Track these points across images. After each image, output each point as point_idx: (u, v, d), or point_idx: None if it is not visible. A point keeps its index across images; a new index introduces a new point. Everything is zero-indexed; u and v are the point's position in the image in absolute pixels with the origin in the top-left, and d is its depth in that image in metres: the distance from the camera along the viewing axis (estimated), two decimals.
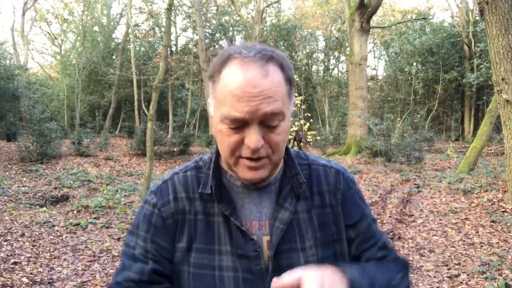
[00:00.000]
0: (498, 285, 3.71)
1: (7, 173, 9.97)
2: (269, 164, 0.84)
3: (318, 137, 15.36)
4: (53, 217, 6.43)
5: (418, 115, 16.52)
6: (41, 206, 7.46)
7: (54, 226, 5.95)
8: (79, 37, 21.99)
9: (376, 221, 1.01)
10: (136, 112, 18.33)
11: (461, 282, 3.92)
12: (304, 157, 1.00)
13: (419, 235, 5.51)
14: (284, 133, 0.83)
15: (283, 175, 0.94)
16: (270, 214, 0.90)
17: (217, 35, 22.80)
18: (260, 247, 0.86)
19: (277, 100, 0.79)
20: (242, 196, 0.91)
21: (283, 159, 0.95)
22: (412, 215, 6.36)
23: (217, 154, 0.94)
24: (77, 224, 6.00)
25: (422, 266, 4.44)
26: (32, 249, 4.97)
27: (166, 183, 0.94)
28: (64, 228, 5.88)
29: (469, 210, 6.25)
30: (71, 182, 9.35)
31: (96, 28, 23.39)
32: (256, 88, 0.77)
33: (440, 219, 6.02)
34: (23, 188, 8.65)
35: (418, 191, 7.62)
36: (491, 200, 6.43)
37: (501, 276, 3.95)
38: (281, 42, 22.74)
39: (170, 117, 19.27)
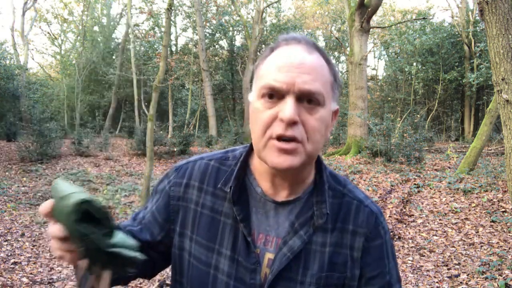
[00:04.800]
0: (498, 285, 3.72)
1: (7, 173, 9.97)
2: (302, 153, 0.76)
3: None
4: None
5: (418, 115, 16.51)
6: None
7: None
8: (79, 37, 21.99)
9: (400, 285, 0.90)
10: (136, 112, 18.33)
11: (461, 282, 3.93)
12: (341, 183, 0.91)
13: (419, 235, 5.51)
14: (322, 122, 0.77)
15: (309, 198, 0.86)
16: (280, 233, 0.84)
17: (217, 35, 22.81)
18: (259, 263, 0.83)
19: (318, 78, 0.76)
20: (257, 204, 0.86)
21: (315, 179, 0.88)
22: (412, 215, 6.36)
23: (249, 151, 0.90)
24: None
25: (422, 266, 4.44)
26: (32, 249, 4.97)
27: (188, 164, 0.93)
28: None
29: (469, 210, 6.25)
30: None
31: (96, 28, 23.40)
32: (297, 59, 0.76)
33: (440, 219, 6.02)
34: (23, 188, 8.65)
35: (418, 191, 7.62)
36: (491, 200, 6.43)
37: (501, 276, 3.95)
38: None
39: (170, 117, 19.27)
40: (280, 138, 0.74)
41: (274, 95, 0.75)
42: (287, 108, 0.73)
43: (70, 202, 0.63)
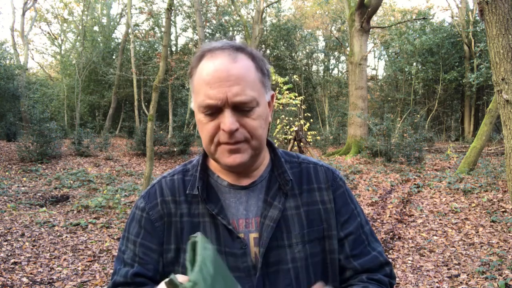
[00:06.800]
0: (498, 285, 3.71)
1: (7, 173, 9.97)
2: (249, 149, 0.86)
3: (318, 137, 15.36)
4: (53, 217, 6.43)
5: (418, 115, 16.52)
6: (41, 206, 7.46)
7: (54, 226, 5.95)
8: (79, 37, 21.98)
9: (369, 226, 1.01)
10: (136, 112, 18.32)
11: (461, 282, 3.92)
12: (294, 156, 1.03)
13: (419, 235, 5.51)
14: (260, 119, 0.86)
15: (271, 174, 0.96)
16: (257, 212, 0.91)
17: (217, 35, 22.80)
18: (246, 245, 0.88)
19: (247, 85, 0.82)
20: (229, 196, 0.93)
21: (271, 158, 0.99)
22: (412, 215, 6.36)
23: (204, 155, 0.98)
24: (77, 224, 6.00)
25: (422, 266, 4.44)
26: (32, 249, 4.97)
27: (154, 187, 0.98)
28: (64, 228, 5.88)
29: (469, 210, 6.25)
30: (71, 182, 9.35)
31: (96, 28, 23.38)
32: (224, 73, 0.81)
33: (440, 219, 6.02)
34: (23, 188, 8.65)
35: (418, 191, 7.61)
36: (491, 200, 6.43)
37: (501, 276, 3.95)
38: (281, 42, 22.72)
39: (170, 117, 19.26)
40: (226, 143, 0.84)
41: (212, 109, 0.83)
42: (226, 121, 0.81)
43: None
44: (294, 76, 20.40)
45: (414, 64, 20.27)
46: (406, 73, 21.04)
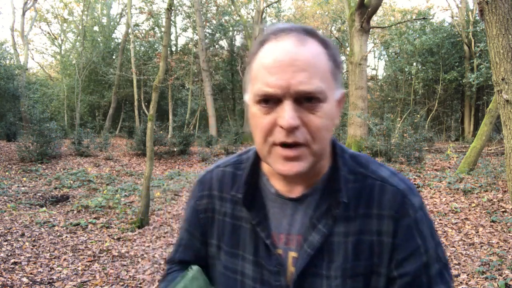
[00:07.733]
0: (498, 285, 3.71)
1: (7, 173, 9.97)
2: (309, 155, 0.71)
3: None
4: (53, 217, 6.43)
5: (418, 115, 16.51)
6: (41, 206, 7.46)
7: (54, 226, 5.96)
8: (79, 37, 21.98)
9: (442, 264, 0.80)
10: (136, 112, 18.32)
11: (461, 282, 3.92)
12: (363, 164, 0.83)
13: None
14: (327, 118, 0.71)
15: (325, 188, 0.80)
16: (301, 230, 0.80)
17: (217, 35, 22.80)
18: (282, 264, 0.80)
19: (316, 73, 0.69)
20: (274, 205, 0.83)
21: (331, 167, 0.82)
22: None
23: (258, 154, 0.85)
24: (77, 224, 6.00)
25: None
26: (32, 249, 4.97)
27: (207, 175, 0.94)
28: (64, 228, 5.88)
29: (469, 210, 6.25)
30: (71, 182, 9.35)
31: (96, 28, 23.38)
32: (289, 56, 0.68)
33: (440, 219, 6.02)
34: (23, 188, 8.65)
35: (418, 191, 7.61)
36: (491, 200, 6.43)
37: (501, 276, 3.95)
38: None
39: (170, 117, 19.26)
40: (283, 144, 0.70)
41: (270, 100, 0.70)
42: (285, 114, 0.68)
43: None
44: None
45: (414, 64, 20.27)
46: (406, 73, 21.04)
